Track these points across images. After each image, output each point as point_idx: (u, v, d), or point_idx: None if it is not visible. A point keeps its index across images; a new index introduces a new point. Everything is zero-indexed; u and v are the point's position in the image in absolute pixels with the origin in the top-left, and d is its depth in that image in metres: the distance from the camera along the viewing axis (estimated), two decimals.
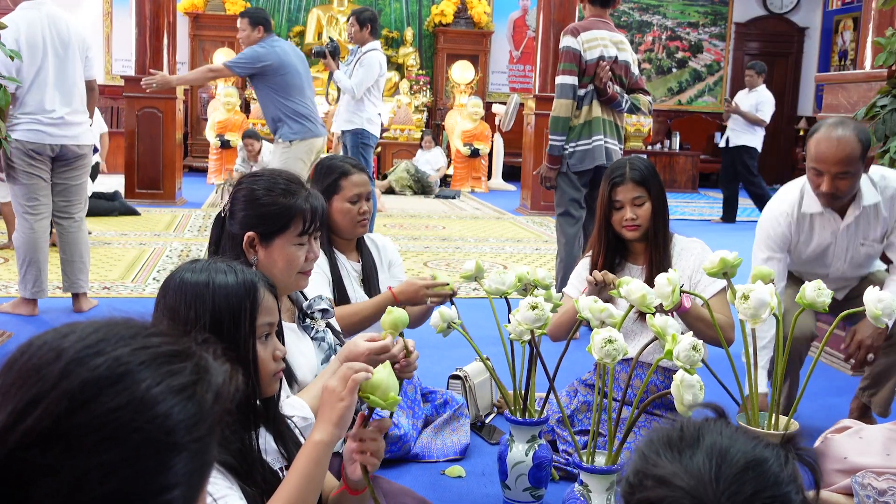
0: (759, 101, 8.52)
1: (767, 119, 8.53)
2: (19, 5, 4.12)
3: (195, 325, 1.43)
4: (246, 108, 11.53)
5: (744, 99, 8.66)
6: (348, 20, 6.08)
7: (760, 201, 8.63)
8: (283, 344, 1.60)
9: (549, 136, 4.25)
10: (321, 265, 2.65)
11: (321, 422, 1.43)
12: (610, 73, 4.17)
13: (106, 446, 0.69)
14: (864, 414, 3.01)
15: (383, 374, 1.46)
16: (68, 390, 0.70)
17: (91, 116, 4.36)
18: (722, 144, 8.82)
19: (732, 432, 0.92)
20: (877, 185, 2.79)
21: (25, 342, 0.77)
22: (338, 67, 5.97)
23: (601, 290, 2.54)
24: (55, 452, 0.69)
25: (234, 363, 0.85)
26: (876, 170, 2.84)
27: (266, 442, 1.52)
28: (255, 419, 1.49)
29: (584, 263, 2.88)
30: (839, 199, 2.71)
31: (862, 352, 2.58)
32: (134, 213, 7.54)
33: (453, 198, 10.09)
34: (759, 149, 8.62)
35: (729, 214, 8.88)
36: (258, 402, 1.51)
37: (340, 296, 2.70)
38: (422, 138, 11.04)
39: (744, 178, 8.61)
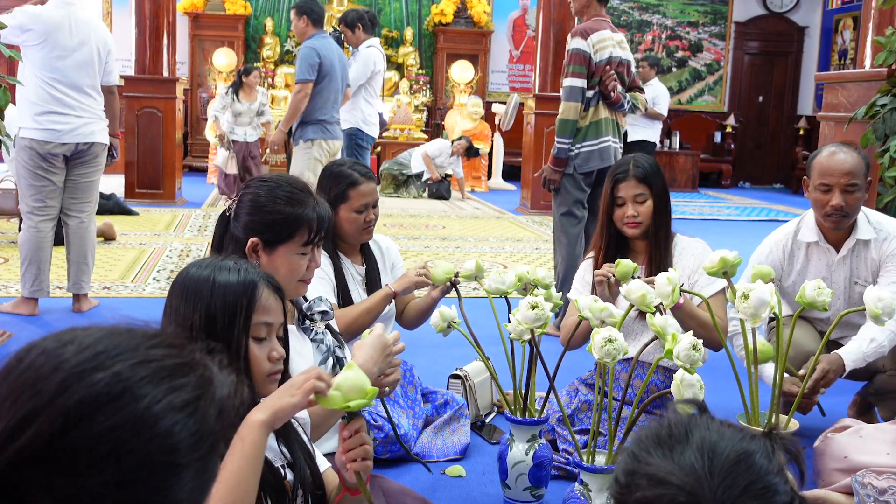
0: (654, 94, 8.53)
1: (664, 112, 8.66)
2: (49, 2, 4.17)
3: (191, 319, 1.45)
4: None
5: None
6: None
7: None
8: (288, 347, 1.59)
9: (556, 139, 4.20)
10: (326, 270, 2.66)
11: (268, 402, 1.35)
12: (615, 75, 4.17)
13: (101, 467, 0.68)
14: (864, 411, 3.01)
15: (351, 374, 1.40)
16: (64, 408, 0.69)
17: (113, 122, 4.44)
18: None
19: (719, 426, 0.93)
20: (871, 223, 2.82)
21: (24, 347, 0.75)
22: None
23: (609, 285, 2.55)
24: (48, 471, 0.67)
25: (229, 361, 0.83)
26: (870, 211, 2.88)
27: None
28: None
29: (585, 266, 2.88)
30: (847, 217, 2.73)
31: (823, 381, 2.55)
32: (130, 212, 7.53)
33: (446, 198, 10.01)
34: (658, 143, 8.84)
35: None
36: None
37: (345, 301, 2.71)
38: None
39: None
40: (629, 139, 8.69)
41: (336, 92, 5.42)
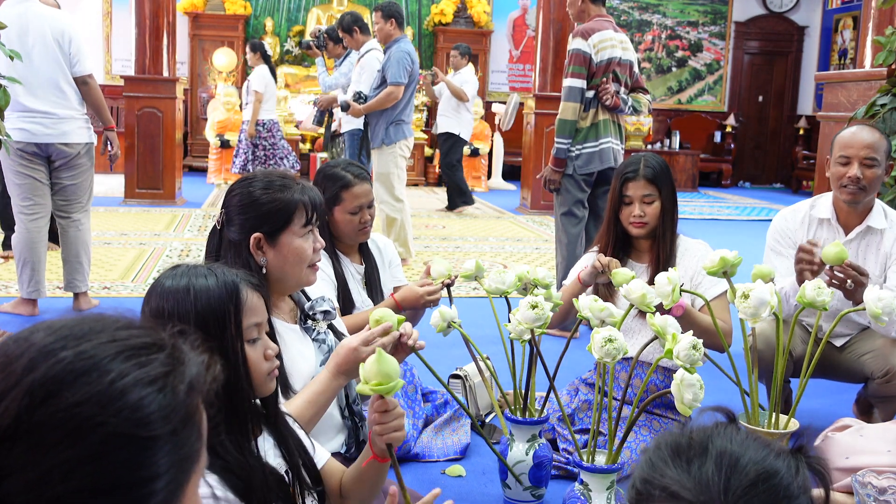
0: (462, 81, 8.70)
1: (470, 96, 8.68)
2: (4, 3, 4.09)
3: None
4: None
5: (449, 81, 8.85)
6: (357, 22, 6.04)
7: (458, 191, 8.81)
8: (276, 341, 1.58)
9: (556, 139, 4.21)
10: (326, 270, 2.66)
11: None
12: (612, 86, 4.17)
13: (69, 442, 0.68)
14: (865, 410, 3.01)
15: (384, 360, 1.53)
16: (30, 386, 0.70)
17: (100, 112, 4.25)
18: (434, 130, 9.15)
19: (743, 439, 0.89)
20: (887, 216, 2.83)
21: (4, 340, 0.77)
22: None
23: (601, 274, 2.57)
24: (18, 451, 0.68)
25: (220, 360, 0.83)
26: (888, 206, 2.89)
27: (266, 444, 1.50)
28: (253, 426, 1.46)
29: (587, 258, 2.88)
30: (863, 191, 2.74)
31: (851, 274, 2.48)
32: None
33: None
34: (466, 137, 8.81)
35: (451, 203, 8.90)
36: (256, 402, 1.50)
37: (345, 299, 2.71)
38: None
39: (441, 164, 8.87)
40: (438, 130, 8.85)
41: (414, 92, 5.63)
